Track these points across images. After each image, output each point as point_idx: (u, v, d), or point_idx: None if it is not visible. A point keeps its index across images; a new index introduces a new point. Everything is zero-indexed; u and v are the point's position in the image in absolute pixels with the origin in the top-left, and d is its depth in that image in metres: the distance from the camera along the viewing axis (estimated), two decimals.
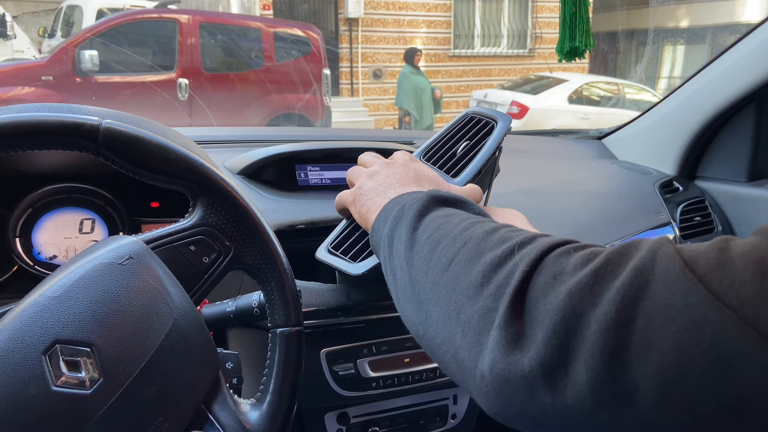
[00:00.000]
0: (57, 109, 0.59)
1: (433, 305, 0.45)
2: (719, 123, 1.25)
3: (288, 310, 0.60)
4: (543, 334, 0.34)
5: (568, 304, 0.33)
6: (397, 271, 0.51)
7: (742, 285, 0.28)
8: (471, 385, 0.40)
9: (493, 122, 0.81)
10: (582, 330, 0.32)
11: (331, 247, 0.75)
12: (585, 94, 7.22)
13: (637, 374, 0.29)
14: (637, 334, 0.30)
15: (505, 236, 0.43)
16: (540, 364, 0.33)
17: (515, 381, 0.35)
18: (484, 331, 0.38)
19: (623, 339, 0.30)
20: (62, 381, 0.47)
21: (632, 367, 0.30)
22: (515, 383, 0.35)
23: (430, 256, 0.47)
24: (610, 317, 0.31)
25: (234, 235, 0.59)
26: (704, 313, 0.28)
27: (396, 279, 0.52)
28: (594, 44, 0.76)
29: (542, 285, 0.36)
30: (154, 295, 0.52)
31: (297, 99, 5.72)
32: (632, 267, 0.32)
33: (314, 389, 0.80)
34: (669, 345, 0.29)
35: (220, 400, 0.55)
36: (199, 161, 0.57)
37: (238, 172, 0.97)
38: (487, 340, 0.37)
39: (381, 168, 0.67)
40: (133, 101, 4.94)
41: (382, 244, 0.55)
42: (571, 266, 0.35)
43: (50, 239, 0.81)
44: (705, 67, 1.24)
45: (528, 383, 0.34)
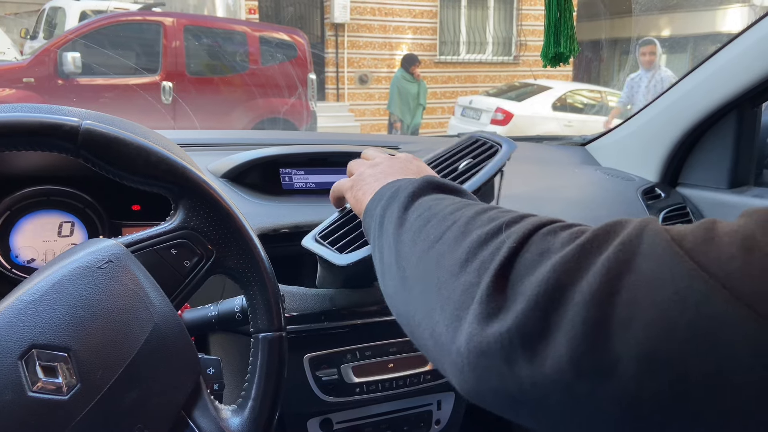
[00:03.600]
0: (36, 110, 0.58)
1: (416, 281, 0.45)
2: (701, 130, 1.27)
3: (271, 315, 0.60)
4: (524, 305, 0.33)
5: (552, 276, 0.33)
6: (384, 249, 0.51)
7: (728, 259, 0.28)
8: (446, 362, 0.39)
9: (498, 146, 0.83)
10: (565, 301, 0.31)
11: (319, 236, 0.75)
12: (569, 102, 7.29)
13: (619, 345, 0.29)
14: (621, 306, 0.29)
15: (494, 216, 0.42)
16: (519, 333, 0.33)
17: (493, 352, 0.34)
18: (464, 306, 0.37)
19: (606, 310, 0.30)
20: (39, 386, 0.46)
21: (614, 338, 0.29)
22: (493, 355, 0.34)
23: (418, 234, 0.47)
24: (593, 288, 0.30)
25: (216, 238, 0.58)
26: (689, 284, 0.28)
27: (383, 257, 0.52)
28: (578, 50, 0.77)
29: (528, 262, 0.35)
30: (133, 300, 0.51)
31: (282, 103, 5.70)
32: (619, 242, 0.32)
33: (297, 395, 0.79)
34: (653, 316, 0.28)
35: (200, 406, 0.54)
36: (181, 163, 0.56)
37: (221, 175, 0.96)
38: (467, 315, 0.37)
39: (383, 160, 0.67)
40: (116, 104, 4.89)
41: (373, 224, 0.55)
42: (558, 244, 0.35)
43: (28, 242, 0.79)
44: (686, 76, 1.26)
45: (506, 354, 0.33)
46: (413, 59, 6.74)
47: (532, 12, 9.82)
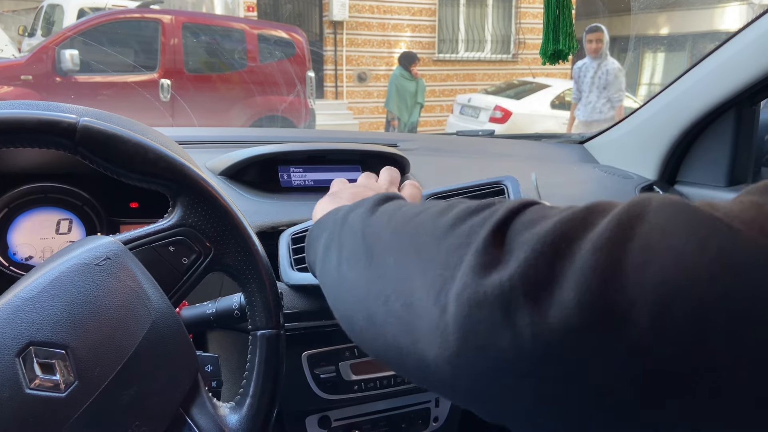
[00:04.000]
0: (34, 107, 0.58)
1: (388, 253, 0.42)
2: (699, 128, 1.27)
3: (269, 313, 0.60)
4: (527, 254, 0.30)
5: (557, 228, 0.30)
6: (346, 240, 0.48)
7: (746, 208, 0.27)
8: (422, 330, 0.35)
9: (503, 186, 0.82)
10: (572, 251, 0.29)
11: (293, 237, 0.79)
12: (567, 100, 7.28)
13: (633, 290, 0.27)
14: (634, 252, 0.27)
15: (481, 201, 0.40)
16: (522, 281, 0.30)
17: (489, 302, 0.31)
18: (451, 264, 0.34)
19: (618, 256, 0.28)
20: (36, 384, 0.46)
21: (628, 283, 0.27)
22: (489, 305, 0.31)
23: (393, 213, 0.45)
24: (603, 237, 0.29)
25: (214, 235, 0.58)
26: (710, 228, 0.27)
27: (341, 249, 0.48)
28: (577, 47, 0.77)
29: (527, 220, 0.33)
30: (131, 297, 0.51)
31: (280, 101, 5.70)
32: (628, 203, 0.30)
33: (295, 392, 0.79)
34: (670, 259, 0.26)
35: (198, 403, 0.54)
36: (179, 160, 0.56)
37: (219, 172, 0.96)
38: (456, 271, 0.33)
39: (365, 180, 0.67)
40: (114, 101, 4.88)
41: (333, 220, 0.53)
42: (558, 209, 0.33)
43: (26, 240, 0.79)
44: (685, 74, 1.26)
45: (504, 303, 0.30)
46: (412, 57, 6.72)
47: (531, 10, 9.82)
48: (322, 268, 0.53)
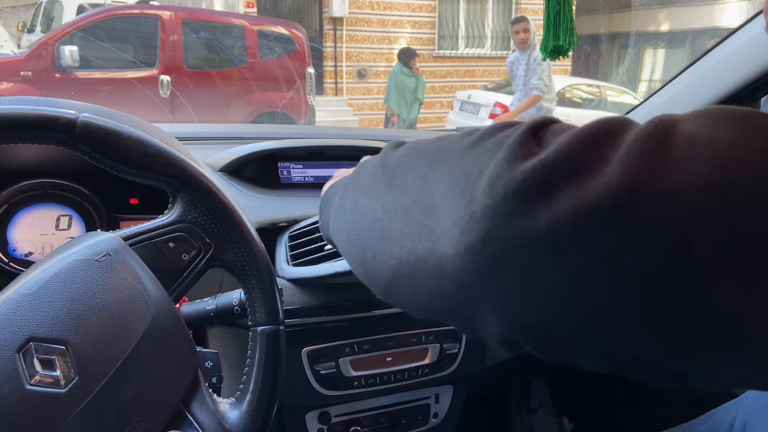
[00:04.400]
0: (33, 102, 0.58)
1: (411, 171, 0.40)
2: None
3: (269, 309, 0.60)
4: (568, 140, 0.29)
5: (600, 125, 0.30)
6: (362, 179, 0.46)
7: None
8: (441, 229, 0.33)
9: None
10: (616, 140, 0.28)
11: (290, 234, 0.80)
12: (567, 96, 7.28)
13: (682, 171, 0.26)
14: (680, 143, 0.27)
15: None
16: (564, 163, 0.29)
17: (525, 186, 0.29)
18: (482, 163, 0.32)
19: (664, 146, 0.27)
20: (36, 380, 0.46)
21: (675, 168, 0.26)
22: (524, 188, 0.29)
23: (414, 144, 0.43)
24: (648, 130, 0.28)
25: (214, 232, 0.58)
26: (753, 127, 0.26)
27: (357, 188, 0.47)
28: (578, 43, 0.77)
29: (561, 126, 0.32)
30: (131, 293, 0.51)
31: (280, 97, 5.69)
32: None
33: (295, 388, 0.80)
34: (716, 149, 0.26)
35: (198, 399, 0.55)
36: (179, 156, 0.56)
37: (219, 168, 0.96)
38: (485, 168, 0.32)
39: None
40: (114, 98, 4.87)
41: (346, 179, 0.51)
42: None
43: (26, 236, 0.79)
44: (685, 70, 1.25)
45: (542, 184, 0.29)
46: (411, 53, 6.70)
47: (531, 6, 9.79)
48: (336, 220, 0.50)
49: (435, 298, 0.36)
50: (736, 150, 0.26)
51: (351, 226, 0.46)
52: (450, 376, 0.89)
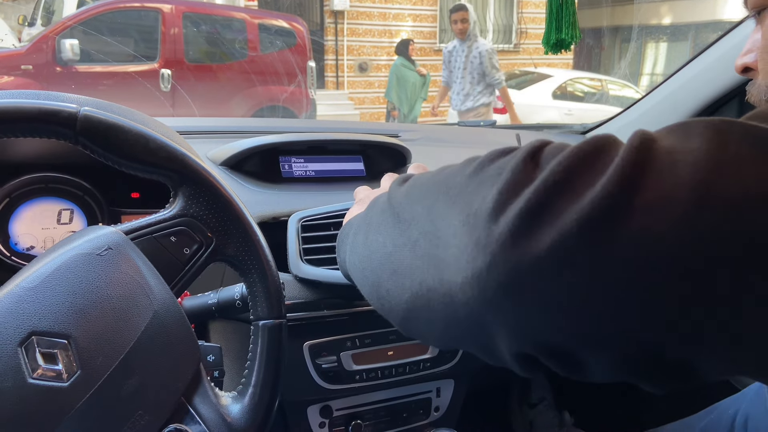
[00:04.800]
0: (35, 96, 0.58)
1: (417, 204, 0.41)
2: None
3: (270, 303, 0.60)
4: (566, 158, 0.31)
5: (592, 143, 0.31)
6: (373, 216, 0.48)
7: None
8: (449, 257, 0.34)
9: None
10: (607, 155, 0.30)
11: (302, 224, 0.79)
12: (569, 90, 7.26)
13: (670, 176, 0.28)
14: (661, 152, 0.29)
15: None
16: (565, 179, 0.30)
17: (529, 209, 0.31)
18: (484, 190, 0.34)
19: (649, 156, 0.29)
20: (39, 373, 0.46)
21: (665, 171, 0.29)
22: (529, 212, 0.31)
23: (417, 179, 0.44)
24: (634, 144, 0.30)
25: (216, 226, 0.58)
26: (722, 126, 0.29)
27: (369, 225, 0.47)
28: (580, 36, 0.76)
29: (555, 146, 0.34)
30: (133, 287, 0.51)
31: (281, 91, 5.68)
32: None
33: (297, 382, 0.80)
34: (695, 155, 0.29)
35: (200, 393, 0.55)
36: (180, 150, 0.56)
37: (221, 163, 0.96)
38: (489, 193, 0.33)
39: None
40: (115, 91, 4.86)
41: (360, 215, 0.52)
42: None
43: (27, 230, 0.79)
44: (688, 64, 1.25)
45: (548, 205, 0.30)
46: (405, 43, 6.67)
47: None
48: (351, 255, 0.51)
49: (449, 327, 0.36)
50: (711, 155, 0.28)
51: (365, 262, 0.47)
52: (451, 370, 0.89)
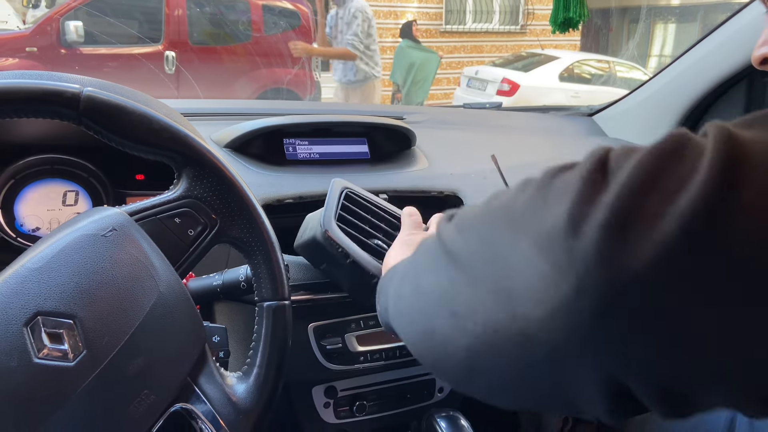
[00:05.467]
0: (38, 77, 0.58)
1: (473, 239, 0.37)
2: (710, 100, 1.25)
3: (275, 284, 0.60)
4: (644, 159, 0.29)
5: (670, 140, 0.30)
6: (421, 258, 0.44)
7: None
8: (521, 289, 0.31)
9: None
10: (691, 151, 0.29)
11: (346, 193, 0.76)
12: (576, 72, 7.19)
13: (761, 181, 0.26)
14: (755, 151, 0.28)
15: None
16: (649, 181, 0.28)
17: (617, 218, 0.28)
18: (556, 214, 0.30)
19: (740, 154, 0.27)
20: (44, 353, 0.46)
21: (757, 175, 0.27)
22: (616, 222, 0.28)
23: (465, 214, 0.41)
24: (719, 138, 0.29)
25: (220, 207, 0.58)
26: None
27: (417, 269, 0.44)
28: (588, 15, 0.76)
29: (623, 150, 0.31)
30: (138, 268, 0.52)
31: (286, 73, 5.64)
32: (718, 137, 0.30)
33: (302, 363, 0.80)
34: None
35: (206, 373, 0.55)
36: (184, 132, 0.56)
37: (225, 145, 0.95)
38: (562, 216, 0.30)
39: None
40: (119, 73, 4.85)
41: (405, 261, 0.49)
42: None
43: (33, 211, 0.79)
44: (696, 44, 1.23)
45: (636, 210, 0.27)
46: (408, 24, 6.61)
47: None
48: (396, 302, 0.48)
49: (522, 376, 0.33)
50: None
51: (414, 310, 0.43)
52: None
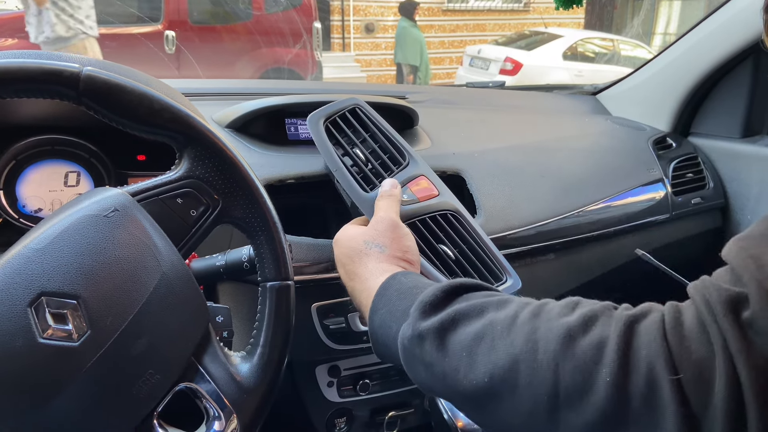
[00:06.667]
0: (37, 56, 0.57)
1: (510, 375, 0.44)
2: (714, 79, 1.24)
3: (278, 264, 0.60)
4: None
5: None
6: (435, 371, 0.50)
7: None
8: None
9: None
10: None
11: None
12: (580, 51, 7.12)
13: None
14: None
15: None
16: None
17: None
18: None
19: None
20: (49, 333, 0.47)
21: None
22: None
23: (473, 348, 0.47)
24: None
25: (222, 187, 0.58)
26: None
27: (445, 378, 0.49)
28: None
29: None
30: (140, 248, 0.52)
31: (286, 53, 5.60)
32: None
33: (305, 342, 0.81)
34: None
35: (210, 352, 0.55)
36: (184, 111, 0.56)
37: (226, 125, 0.95)
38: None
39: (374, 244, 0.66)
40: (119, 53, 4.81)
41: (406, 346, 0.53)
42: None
43: (35, 192, 0.79)
44: (701, 22, 1.22)
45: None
46: (412, 4, 6.52)
47: None
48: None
49: None
50: None
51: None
52: None
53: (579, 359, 0.40)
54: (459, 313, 0.49)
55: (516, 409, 0.43)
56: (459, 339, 0.47)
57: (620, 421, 0.38)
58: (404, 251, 0.64)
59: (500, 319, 0.47)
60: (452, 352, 0.47)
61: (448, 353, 0.47)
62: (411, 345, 0.51)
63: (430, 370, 0.49)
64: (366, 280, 0.61)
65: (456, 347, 0.47)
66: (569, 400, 0.40)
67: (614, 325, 0.41)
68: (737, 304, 0.37)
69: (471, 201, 0.95)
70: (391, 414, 0.94)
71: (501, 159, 1.05)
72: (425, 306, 0.51)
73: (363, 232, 0.66)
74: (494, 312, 0.48)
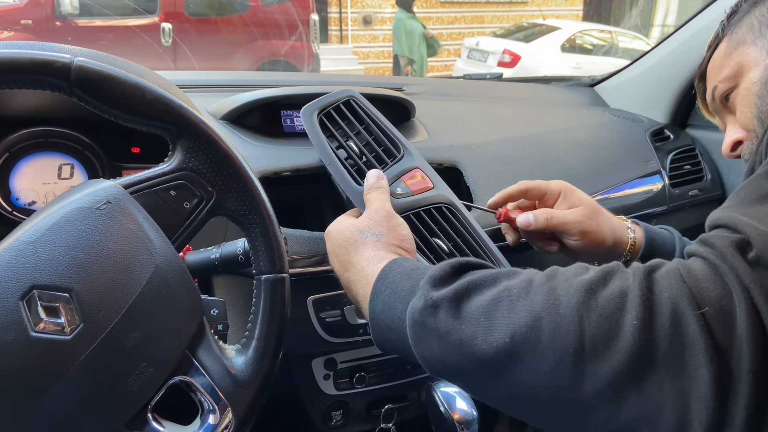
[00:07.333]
0: (28, 47, 0.56)
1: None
2: None
3: (273, 257, 0.60)
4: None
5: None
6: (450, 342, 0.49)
7: None
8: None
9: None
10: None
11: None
12: (578, 43, 7.11)
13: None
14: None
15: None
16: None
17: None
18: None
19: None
20: (41, 327, 0.46)
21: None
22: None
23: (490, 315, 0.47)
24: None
25: (216, 180, 0.57)
26: None
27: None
28: None
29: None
30: (134, 241, 0.51)
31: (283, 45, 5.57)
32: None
33: (301, 335, 0.80)
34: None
35: (205, 345, 0.55)
36: (177, 102, 0.55)
37: (221, 117, 0.94)
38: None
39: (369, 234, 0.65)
40: (115, 46, 4.79)
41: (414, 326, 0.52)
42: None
43: (28, 185, 0.79)
44: (699, 13, 1.21)
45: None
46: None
47: None
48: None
49: None
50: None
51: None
52: None
53: (603, 308, 0.41)
54: (472, 283, 0.48)
55: (538, 369, 0.42)
56: (475, 305, 0.47)
57: (648, 362, 0.39)
58: (401, 239, 0.64)
59: (515, 284, 0.47)
60: (469, 317, 0.46)
61: (464, 319, 0.47)
62: (422, 316, 0.49)
63: (445, 339, 0.48)
64: (362, 269, 0.60)
65: (473, 312, 0.46)
66: (595, 350, 0.40)
67: (632, 275, 0.42)
68: (742, 246, 0.40)
69: (468, 193, 0.95)
70: (388, 407, 0.94)
71: (498, 151, 1.05)
72: (435, 280, 0.51)
73: (357, 222, 0.66)
74: (507, 280, 0.48)
